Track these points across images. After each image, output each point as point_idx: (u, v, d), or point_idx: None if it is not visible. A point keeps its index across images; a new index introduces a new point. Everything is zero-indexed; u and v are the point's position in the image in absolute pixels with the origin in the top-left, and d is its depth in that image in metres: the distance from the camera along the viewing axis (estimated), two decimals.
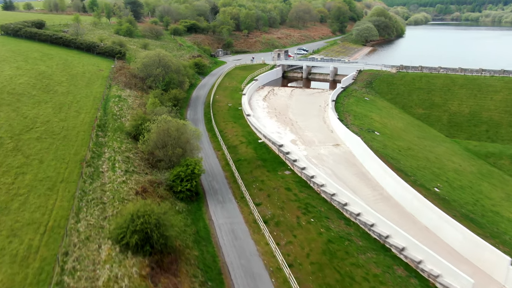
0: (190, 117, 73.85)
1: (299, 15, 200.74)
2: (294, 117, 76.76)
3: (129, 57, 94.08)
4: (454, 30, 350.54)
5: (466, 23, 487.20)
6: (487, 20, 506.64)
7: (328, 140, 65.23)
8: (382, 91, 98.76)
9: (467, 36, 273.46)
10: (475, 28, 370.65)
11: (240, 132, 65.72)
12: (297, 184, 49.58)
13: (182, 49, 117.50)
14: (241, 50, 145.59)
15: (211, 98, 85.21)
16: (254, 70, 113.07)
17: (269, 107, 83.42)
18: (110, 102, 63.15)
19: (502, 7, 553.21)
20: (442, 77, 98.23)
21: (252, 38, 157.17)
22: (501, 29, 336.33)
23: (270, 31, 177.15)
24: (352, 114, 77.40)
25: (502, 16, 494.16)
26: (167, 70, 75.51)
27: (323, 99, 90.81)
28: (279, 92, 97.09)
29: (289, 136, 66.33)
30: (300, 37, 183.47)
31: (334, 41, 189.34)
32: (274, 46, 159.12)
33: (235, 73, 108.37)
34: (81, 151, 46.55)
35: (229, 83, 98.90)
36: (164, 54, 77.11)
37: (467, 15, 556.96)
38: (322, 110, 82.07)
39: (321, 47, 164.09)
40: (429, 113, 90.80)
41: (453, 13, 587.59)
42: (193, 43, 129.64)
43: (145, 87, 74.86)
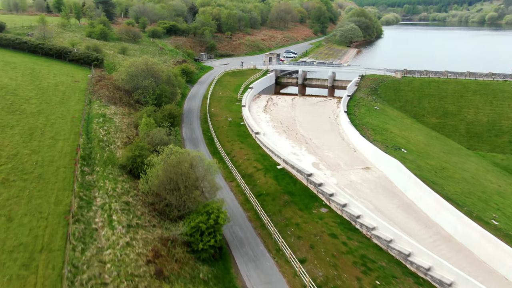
0: (187, 136, 62.70)
1: (280, 15, 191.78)
2: (305, 133, 66.98)
3: (107, 64, 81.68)
4: (427, 30, 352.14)
5: (434, 23, 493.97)
6: (454, 20, 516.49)
7: (355, 162, 55.79)
8: (389, 99, 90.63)
9: (445, 36, 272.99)
10: (447, 28, 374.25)
11: (252, 155, 55.27)
12: (341, 227, 39.73)
13: (164, 54, 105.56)
14: (226, 53, 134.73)
15: (206, 111, 74.24)
16: (246, 76, 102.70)
17: (273, 120, 73.32)
18: (93, 123, 51.28)
19: (467, 7, 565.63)
20: (452, 83, 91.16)
21: (236, 40, 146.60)
22: (475, 29, 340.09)
23: (252, 33, 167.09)
24: (369, 127, 68.45)
25: (469, 16, 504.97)
26: (157, 80, 64.07)
27: (331, 109, 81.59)
28: (278, 101, 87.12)
29: (308, 157, 56.46)
30: (284, 38, 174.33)
31: (318, 42, 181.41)
32: (259, 48, 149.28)
33: (226, 80, 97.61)
34: (63, 197, 34.91)
35: (222, 92, 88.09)
36: (152, 61, 65.57)
37: (434, 15, 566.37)
38: (334, 123, 72.73)
39: (309, 50, 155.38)
40: (444, 122, 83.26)
41: (421, 13, 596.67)
42: (174, 47, 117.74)
43: (132, 101, 63.12)
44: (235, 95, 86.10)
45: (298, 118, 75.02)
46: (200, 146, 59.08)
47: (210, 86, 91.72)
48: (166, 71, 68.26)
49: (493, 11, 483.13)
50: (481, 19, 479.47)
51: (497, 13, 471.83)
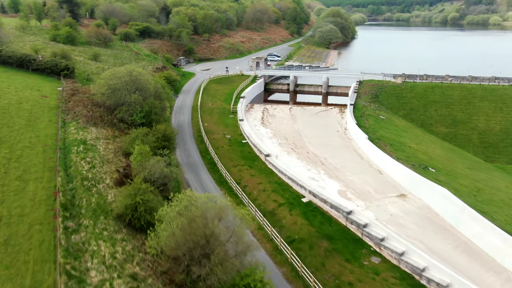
0: (183, 161, 52.76)
1: (257, 16, 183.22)
2: (317, 151, 58.56)
3: (79, 74, 70.16)
4: (396, 30, 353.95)
5: (399, 23, 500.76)
6: (418, 20, 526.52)
7: (385, 188, 47.84)
8: (392, 106, 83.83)
9: (417, 37, 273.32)
10: (414, 28, 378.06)
11: (268, 185, 46.19)
12: (403, 284, 31.44)
13: (141, 59, 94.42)
14: (205, 57, 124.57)
15: (200, 127, 64.45)
16: (233, 83, 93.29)
17: (277, 136, 64.48)
18: (72, 153, 40.60)
19: (428, 8, 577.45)
20: (457, 88, 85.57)
21: (214, 43, 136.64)
22: (442, 30, 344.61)
23: (229, 34, 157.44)
24: (386, 142, 60.89)
25: (432, 17, 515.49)
26: (144, 94, 53.70)
27: (335, 121, 73.66)
28: (275, 112, 78.33)
29: (330, 184, 48.03)
30: (262, 40, 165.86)
31: (297, 44, 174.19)
32: (239, 51, 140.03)
33: (213, 89, 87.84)
34: (43, 275, 24.68)
35: (212, 103, 78.32)
36: (138, 72, 55.03)
37: (398, 16, 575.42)
38: (345, 138, 64.75)
39: (292, 52, 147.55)
40: (454, 131, 77.20)
41: (385, 13, 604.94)
42: (150, 51, 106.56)
43: (116, 120, 52.44)
44: (227, 106, 76.56)
45: (303, 133, 66.50)
46: (201, 173, 49.33)
47: (197, 95, 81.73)
48: (154, 83, 57.88)
49: (455, 11, 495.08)
50: (443, 19, 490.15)
51: (459, 14, 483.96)
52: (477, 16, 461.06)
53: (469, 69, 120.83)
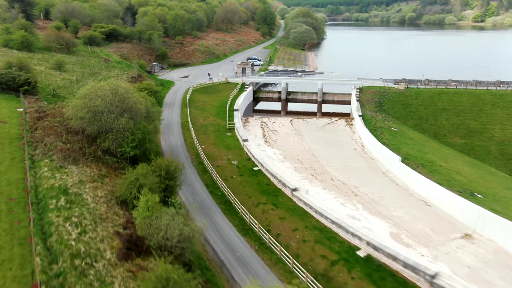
0: (188, 200, 41.94)
1: (227, 16, 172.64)
2: (342, 177, 49.46)
3: (42, 88, 57.25)
4: (360, 30, 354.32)
5: (358, 23, 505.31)
6: (376, 20, 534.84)
7: (443, 225, 39.41)
8: (399, 115, 76.45)
9: (383, 37, 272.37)
10: (376, 28, 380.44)
11: (306, 232, 36.45)
12: None
13: (112, 67, 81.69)
14: (180, 62, 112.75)
15: (197, 151, 53.62)
16: (220, 93, 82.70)
17: (288, 158, 54.79)
18: (51, 210, 28.95)
19: (385, 8, 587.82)
20: (465, 94, 79.53)
21: (188, 46, 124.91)
22: (404, 30, 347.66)
23: (201, 36, 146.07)
24: (414, 161, 52.83)
25: (390, 17, 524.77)
26: (134, 116, 42.30)
27: (347, 136, 64.98)
28: (276, 126, 68.57)
29: (376, 223, 39.02)
30: (236, 42, 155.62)
31: (272, 46, 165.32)
32: (215, 55, 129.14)
33: (199, 101, 76.82)
34: None
35: (203, 118, 67.45)
36: (124, 88, 43.43)
37: (357, 16, 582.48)
38: (367, 158, 56.08)
39: (271, 55, 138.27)
40: (471, 143, 70.71)
41: (344, 13, 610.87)
42: (119, 56, 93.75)
43: (100, 152, 40.68)
44: (221, 121, 65.99)
45: (317, 153, 57.20)
46: (216, 218, 38.73)
47: (184, 109, 70.62)
48: (144, 101, 46.42)
49: (411, 11, 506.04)
50: (401, 19, 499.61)
51: (416, 14, 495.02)
52: (433, 16, 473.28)
53: (450, 69, 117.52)
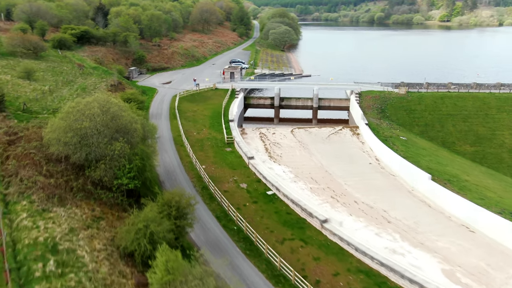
0: (200, 238, 34.84)
1: (204, 16, 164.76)
2: (366, 198, 43.77)
3: (10, 103, 48.56)
4: (332, 30, 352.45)
5: (328, 23, 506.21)
6: (346, 20, 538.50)
7: (498, 258, 34.34)
8: (403, 122, 71.87)
9: (358, 37, 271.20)
10: (348, 28, 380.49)
11: (350, 276, 30.36)
12: None
13: (88, 74, 72.98)
14: (159, 66, 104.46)
15: (198, 173, 46.49)
16: (210, 100, 75.61)
17: (300, 176, 48.58)
18: (37, 282, 21.39)
19: (353, 8, 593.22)
20: (469, 98, 75.95)
21: (166, 49, 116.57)
22: (377, 29, 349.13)
23: (178, 38, 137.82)
24: (439, 176, 47.84)
25: (359, 16, 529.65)
26: (130, 139, 34.84)
27: (357, 147, 59.46)
28: (277, 138, 62.20)
29: (421, 257, 33.51)
30: (215, 44, 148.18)
31: (252, 47, 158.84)
32: (195, 57, 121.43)
33: (189, 110, 69.46)
34: None
35: (197, 131, 60.23)
36: (116, 105, 35.83)
37: (326, 15, 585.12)
38: (387, 174, 50.64)
39: (253, 58, 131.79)
40: (481, 150, 66.86)
41: (313, 13, 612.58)
42: (94, 61, 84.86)
43: (89, 184, 33.01)
44: (217, 134, 59.01)
45: (330, 169, 51.29)
46: (237, 262, 31.92)
47: (174, 121, 63.15)
48: (140, 119, 38.93)
49: (380, 11, 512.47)
50: (370, 19, 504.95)
51: (384, 13, 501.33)
52: (401, 15, 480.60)
53: (433, 71, 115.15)
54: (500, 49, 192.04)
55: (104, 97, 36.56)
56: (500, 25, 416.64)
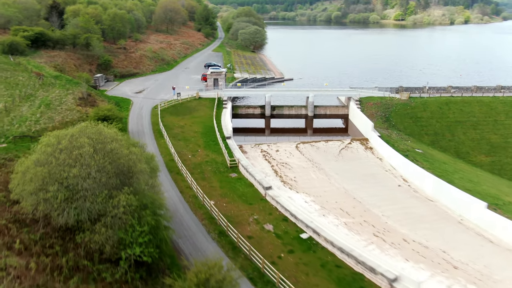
0: None
1: (169, 16, 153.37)
2: (415, 235, 36.56)
3: None
4: (293, 29, 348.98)
5: (286, 22, 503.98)
6: (303, 19, 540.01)
7: None
8: (412, 131, 65.89)
9: (323, 36, 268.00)
10: (309, 27, 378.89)
11: None
12: None
13: (50, 85, 61.18)
14: (127, 72, 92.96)
15: (210, 212, 37.23)
16: (197, 113, 66.14)
17: (327, 208, 40.63)
18: None
19: (310, 7, 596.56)
20: (474, 103, 71.38)
21: (134, 52, 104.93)
22: (336, 28, 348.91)
23: (143, 39, 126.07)
24: (482, 200, 41.47)
25: (316, 15, 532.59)
26: (135, 185, 25.26)
27: (377, 165, 52.37)
28: (283, 157, 53.87)
29: None
30: (183, 46, 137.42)
31: (222, 49, 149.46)
32: (165, 61, 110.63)
33: (175, 126, 59.64)
34: None
35: (192, 153, 50.66)
36: (112, 139, 26.04)
37: (283, 14, 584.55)
38: (423, 199, 43.76)
39: (227, 60, 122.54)
40: (498, 161, 62.01)
41: (270, 12, 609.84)
42: (53, 68, 72.70)
43: (84, 256, 23.12)
44: (216, 156, 49.83)
45: (357, 195, 43.74)
46: None
47: (160, 140, 53.22)
48: (146, 155, 29.23)
49: (337, 10, 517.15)
50: (327, 18, 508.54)
51: (341, 12, 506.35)
52: (358, 14, 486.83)
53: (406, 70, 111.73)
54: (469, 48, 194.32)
55: (97, 128, 26.63)
56: (452, 24, 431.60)
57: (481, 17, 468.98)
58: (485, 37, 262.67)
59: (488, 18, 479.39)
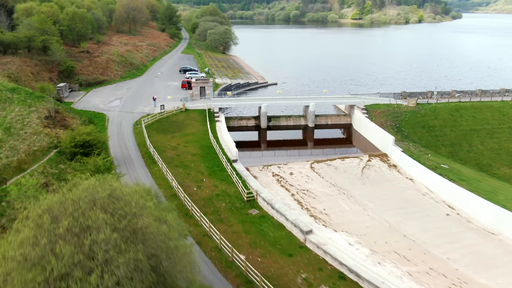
0: None
1: (131, 15, 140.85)
2: (498, 286, 29.66)
3: None
4: (256, 28, 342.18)
5: (244, 21, 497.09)
6: (261, 18, 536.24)
7: None
8: (427, 142, 60.02)
9: (288, 36, 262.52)
10: (272, 26, 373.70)
11: None
12: None
13: (6, 101, 49.33)
14: (94, 79, 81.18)
15: (245, 274, 28.43)
16: (188, 129, 56.72)
17: (378, 252, 33.03)
18: None
19: (267, 6, 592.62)
20: (485, 108, 66.80)
21: (98, 56, 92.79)
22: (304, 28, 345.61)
23: (105, 41, 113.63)
24: None
25: (274, 14, 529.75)
26: (168, 274, 16.38)
27: (410, 187, 45.47)
28: (301, 181, 45.76)
29: None
30: (149, 47, 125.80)
31: (191, 50, 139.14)
32: (134, 66, 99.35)
33: (166, 147, 49.85)
34: None
35: (195, 183, 41.32)
36: (143, 208, 17.00)
37: (241, 13, 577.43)
38: (481, 231, 37.11)
39: (205, 63, 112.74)
40: None
41: (227, 11, 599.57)
42: (7, 78, 60.40)
43: None
44: (227, 187, 40.91)
45: (405, 230, 36.48)
46: None
47: (155, 168, 43.44)
48: (178, 231, 20.06)
49: (295, 9, 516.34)
50: (286, 17, 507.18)
51: (299, 12, 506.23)
52: (316, 13, 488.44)
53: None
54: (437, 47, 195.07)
55: (107, 190, 17.20)
56: (407, 23, 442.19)
57: (434, 16, 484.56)
58: (446, 37, 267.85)
59: (440, 17, 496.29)
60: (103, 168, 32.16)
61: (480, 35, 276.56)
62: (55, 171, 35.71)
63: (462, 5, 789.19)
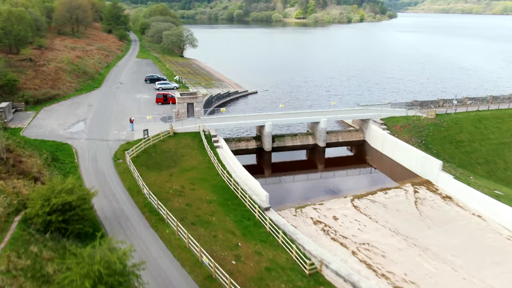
0: None
1: (74, 15, 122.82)
2: None
3: None
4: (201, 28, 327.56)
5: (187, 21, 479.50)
6: (204, 17, 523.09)
7: None
8: (460, 161, 52.55)
9: (242, 36, 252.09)
10: (222, 26, 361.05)
11: None
12: None
13: None
14: (43, 95, 64.83)
15: None
16: (183, 160, 44.34)
17: None
18: None
19: (208, 5, 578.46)
20: (506, 117, 61.35)
21: (45, 64, 76.17)
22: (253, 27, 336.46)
23: (49, 46, 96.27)
24: None
25: (217, 14, 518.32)
26: None
27: (483, 229, 36.85)
28: (355, 229, 35.46)
29: None
30: (100, 52, 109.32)
31: (149, 55, 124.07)
32: (89, 75, 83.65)
33: (168, 192, 37.23)
34: None
35: (230, 250, 29.50)
36: None
37: (182, 13, 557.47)
38: None
39: (169, 70, 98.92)
40: None
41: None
42: None
43: None
44: (273, 253, 29.56)
45: None
46: None
47: (166, 230, 30.92)
48: None
49: (238, 8, 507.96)
50: (229, 16, 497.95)
51: (242, 11, 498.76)
52: (260, 13, 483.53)
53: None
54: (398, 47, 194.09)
55: None
56: (349, 22, 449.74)
57: (374, 16, 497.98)
58: (398, 36, 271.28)
59: (379, 16, 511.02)
60: (119, 268, 19.11)
61: (428, 34, 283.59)
62: (25, 262, 22.42)
63: (393, 5, 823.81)
